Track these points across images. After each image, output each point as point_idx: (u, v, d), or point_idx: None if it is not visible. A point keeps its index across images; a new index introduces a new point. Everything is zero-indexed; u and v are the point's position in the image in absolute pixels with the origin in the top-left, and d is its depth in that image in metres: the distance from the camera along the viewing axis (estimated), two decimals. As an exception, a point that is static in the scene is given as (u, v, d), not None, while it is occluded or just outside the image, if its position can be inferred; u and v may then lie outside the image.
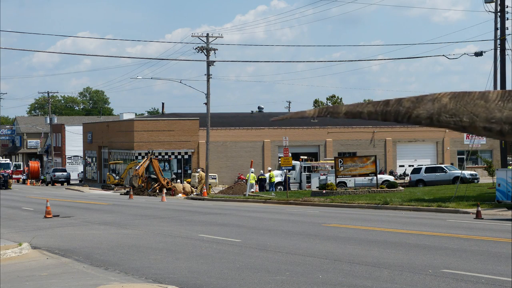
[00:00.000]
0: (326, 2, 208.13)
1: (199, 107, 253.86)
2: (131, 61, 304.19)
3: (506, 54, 40.38)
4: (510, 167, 39.71)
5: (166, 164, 70.04)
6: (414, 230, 22.22)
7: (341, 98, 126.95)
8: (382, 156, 74.39)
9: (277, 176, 56.89)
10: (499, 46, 40.66)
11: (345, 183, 49.44)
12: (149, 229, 24.51)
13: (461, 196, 35.38)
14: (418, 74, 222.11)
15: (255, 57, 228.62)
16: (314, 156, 71.61)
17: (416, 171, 56.38)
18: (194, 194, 55.01)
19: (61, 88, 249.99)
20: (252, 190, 52.10)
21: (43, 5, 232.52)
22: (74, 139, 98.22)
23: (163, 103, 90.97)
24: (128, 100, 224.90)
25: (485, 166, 60.18)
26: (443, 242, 18.71)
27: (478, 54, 42.51)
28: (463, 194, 35.92)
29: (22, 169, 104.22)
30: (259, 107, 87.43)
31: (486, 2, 41.01)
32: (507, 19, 40.89)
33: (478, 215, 27.36)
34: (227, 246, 18.87)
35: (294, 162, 54.59)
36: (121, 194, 60.25)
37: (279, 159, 56.16)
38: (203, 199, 48.70)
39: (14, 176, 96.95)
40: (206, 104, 57.73)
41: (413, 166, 68.73)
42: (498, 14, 40.92)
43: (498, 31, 40.89)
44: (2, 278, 14.28)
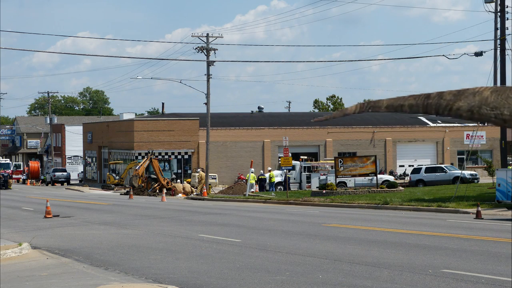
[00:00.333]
0: (326, 2, 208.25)
1: (199, 107, 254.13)
2: (131, 61, 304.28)
3: (506, 54, 40.40)
4: (510, 167, 39.71)
5: (166, 164, 70.04)
6: (414, 230, 22.22)
7: (341, 98, 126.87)
8: (382, 156, 74.33)
9: (277, 176, 56.88)
10: (499, 46, 40.66)
11: (345, 183, 49.45)
12: (149, 229, 24.50)
13: (461, 196, 35.37)
14: (418, 74, 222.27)
15: (255, 57, 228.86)
16: (314, 156, 71.59)
17: (416, 171, 56.38)
18: (194, 194, 55.01)
19: (61, 88, 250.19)
20: (252, 190, 52.10)
21: (43, 5, 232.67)
22: (74, 139, 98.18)
23: (163, 103, 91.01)
24: (128, 100, 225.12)
25: (485, 166, 60.25)
26: (443, 242, 18.71)
27: (478, 54, 42.51)
28: (463, 194, 35.92)
29: (22, 169, 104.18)
30: (259, 107, 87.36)
31: (486, 2, 41.02)
32: (507, 19, 40.90)
33: (478, 215, 27.36)
34: (227, 246, 18.87)
35: (294, 162, 54.59)
36: (121, 194, 60.24)
37: (279, 159, 56.14)
38: (203, 199, 48.69)
39: (14, 176, 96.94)
40: (206, 104, 57.74)
41: (413, 166, 68.70)
42: (498, 14, 40.92)
43: (498, 31, 40.90)
44: (2, 278, 14.28)
